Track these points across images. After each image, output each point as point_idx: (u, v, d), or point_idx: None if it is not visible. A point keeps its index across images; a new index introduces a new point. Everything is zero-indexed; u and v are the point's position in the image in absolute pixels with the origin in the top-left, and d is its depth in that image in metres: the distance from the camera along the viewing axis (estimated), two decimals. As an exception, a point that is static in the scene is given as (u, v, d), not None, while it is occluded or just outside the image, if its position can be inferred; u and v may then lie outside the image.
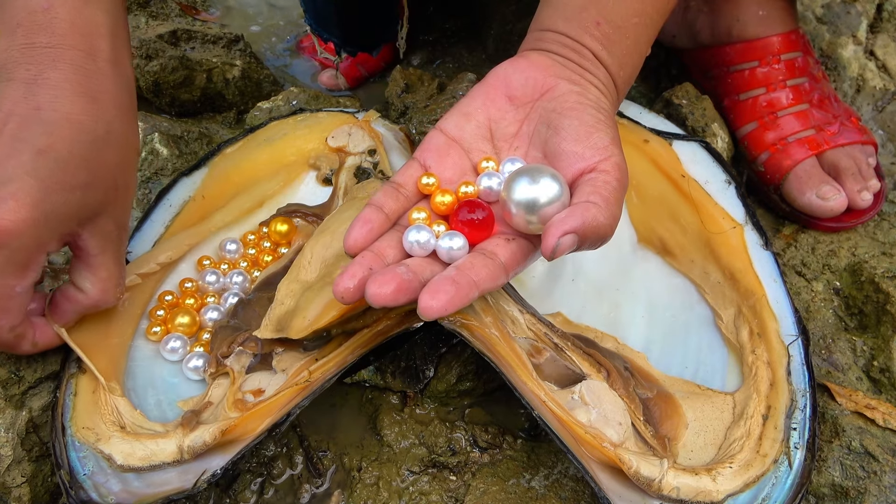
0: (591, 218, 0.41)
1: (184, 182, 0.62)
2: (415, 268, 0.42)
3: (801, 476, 0.46)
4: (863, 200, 0.67)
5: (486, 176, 0.46)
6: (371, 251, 0.43)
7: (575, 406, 0.48)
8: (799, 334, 0.53)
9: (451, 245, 0.43)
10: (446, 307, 0.39)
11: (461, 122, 0.48)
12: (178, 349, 0.54)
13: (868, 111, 0.82)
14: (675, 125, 0.69)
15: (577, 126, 0.45)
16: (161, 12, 0.92)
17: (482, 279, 0.41)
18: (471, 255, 0.43)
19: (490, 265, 0.42)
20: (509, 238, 0.44)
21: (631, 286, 0.59)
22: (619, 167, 0.44)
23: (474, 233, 0.44)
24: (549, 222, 0.41)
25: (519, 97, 0.48)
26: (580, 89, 0.47)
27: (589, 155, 0.44)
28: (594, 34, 0.48)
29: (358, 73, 0.89)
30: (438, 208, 0.46)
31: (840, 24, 0.84)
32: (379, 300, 0.39)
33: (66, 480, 0.45)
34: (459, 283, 0.40)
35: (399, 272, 0.40)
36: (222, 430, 0.45)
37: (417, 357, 0.55)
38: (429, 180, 0.46)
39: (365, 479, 0.52)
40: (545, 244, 0.40)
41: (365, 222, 0.44)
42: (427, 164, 0.47)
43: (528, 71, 0.48)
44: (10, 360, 0.51)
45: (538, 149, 0.47)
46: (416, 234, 0.43)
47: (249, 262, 0.60)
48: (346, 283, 0.41)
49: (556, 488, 0.52)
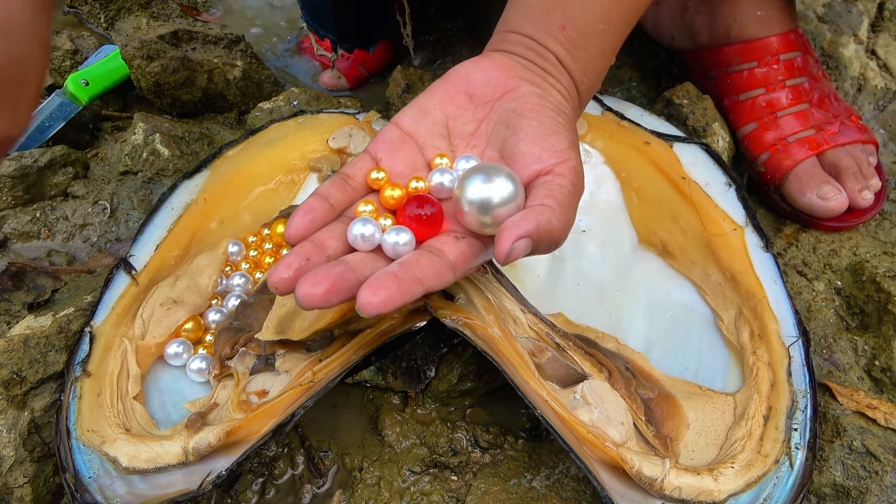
0: (546, 221, 0.40)
1: (185, 185, 0.62)
2: (354, 264, 0.40)
3: (802, 476, 0.47)
4: (864, 200, 0.67)
5: (439, 172, 0.45)
6: (311, 241, 0.41)
7: (577, 406, 0.48)
8: (799, 336, 0.53)
9: (396, 240, 0.41)
10: (386, 304, 0.37)
11: (418, 117, 0.47)
12: (181, 354, 0.54)
13: (869, 110, 0.82)
14: (676, 126, 0.69)
15: (536, 127, 0.44)
16: (162, 13, 0.92)
17: (427, 276, 0.39)
18: (416, 252, 0.41)
19: (436, 263, 0.40)
20: (458, 236, 0.42)
21: (631, 287, 0.59)
22: (574, 171, 0.43)
23: (422, 229, 0.42)
24: (503, 226, 0.40)
25: (479, 96, 0.47)
26: (541, 91, 0.46)
27: (546, 157, 0.43)
28: (559, 38, 0.47)
29: (358, 73, 0.89)
30: (387, 202, 0.44)
31: (841, 23, 0.84)
32: (309, 301, 0.37)
33: (71, 483, 0.45)
34: (402, 279, 0.38)
35: (334, 271, 0.38)
36: (227, 432, 0.46)
37: (419, 357, 0.55)
38: (378, 175, 0.45)
39: (366, 480, 0.52)
40: (499, 248, 0.39)
41: (308, 211, 0.42)
42: (378, 156, 0.46)
43: (490, 71, 0.47)
44: (13, 361, 0.51)
45: (495, 149, 0.46)
46: (361, 228, 0.41)
47: (251, 264, 0.60)
48: (281, 273, 0.39)
49: (558, 488, 0.52)
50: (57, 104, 0.75)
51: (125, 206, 0.69)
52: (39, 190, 0.69)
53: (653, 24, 0.80)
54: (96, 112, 0.80)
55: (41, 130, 0.74)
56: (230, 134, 0.76)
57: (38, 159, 0.69)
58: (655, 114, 0.73)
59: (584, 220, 0.62)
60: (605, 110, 0.67)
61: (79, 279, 0.62)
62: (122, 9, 0.90)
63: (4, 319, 0.60)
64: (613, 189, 0.63)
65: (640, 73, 0.84)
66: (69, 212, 0.69)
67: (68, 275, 0.63)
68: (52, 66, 0.81)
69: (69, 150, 0.71)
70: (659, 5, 0.78)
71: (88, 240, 0.68)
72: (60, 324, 0.54)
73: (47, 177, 0.70)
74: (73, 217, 0.69)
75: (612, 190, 0.63)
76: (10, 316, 0.60)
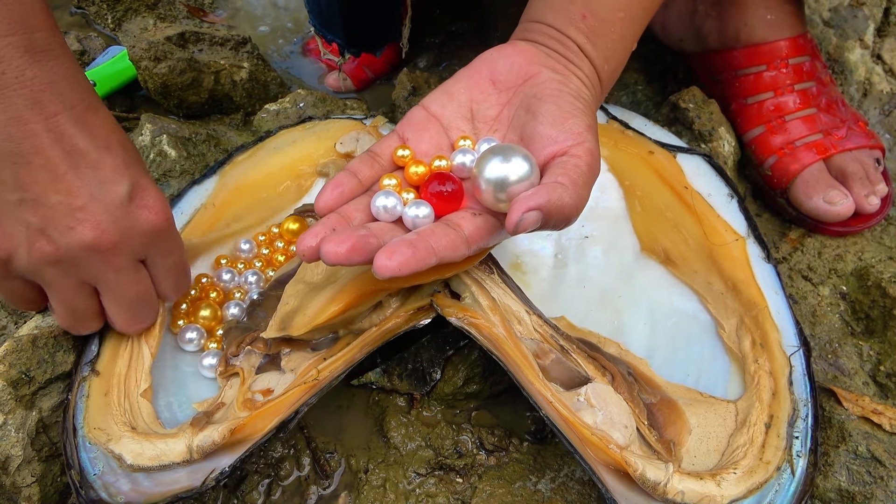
0: (557, 197, 0.41)
1: (195, 190, 0.63)
2: (376, 231, 0.42)
3: (803, 483, 0.47)
4: (870, 205, 0.67)
5: (461, 152, 0.47)
6: (337, 213, 0.44)
7: (581, 408, 0.48)
8: (800, 345, 0.53)
9: (416, 213, 0.44)
10: (400, 267, 0.39)
11: (444, 101, 0.49)
12: (195, 340, 0.54)
13: (875, 115, 0.82)
14: (681, 130, 0.70)
15: (554, 111, 0.45)
16: (169, 14, 0.92)
17: (441, 247, 0.41)
18: (434, 224, 0.43)
19: (451, 234, 0.42)
20: (476, 213, 0.45)
21: (633, 294, 0.59)
22: (590, 152, 0.44)
23: (442, 204, 0.45)
24: (516, 199, 0.41)
25: (503, 82, 0.49)
26: (562, 78, 0.47)
27: (562, 139, 0.44)
28: (580, 27, 0.49)
29: (364, 76, 0.89)
30: (411, 178, 0.47)
31: (847, 27, 0.84)
32: (332, 258, 0.39)
33: (76, 480, 0.45)
34: (417, 247, 0.40)
35: (358, 233, 0.40)
36: (231, 430, 0.46)
37: (424, 359, 0.55)
38: (404, 152, 0.47)
39: (372, 481, 0.52)
40: (509, 218, 0.40)
41: (336, 185, 0.45)
42: (406, 136, 0.49)
43: (514, 57, 0.49)
44: (21, 361, 0.51)
45: (516, 133, 0.48)
46: (384, 199, 0.44)
47: (264, 262, 0.60)
48: (309, 241, 0.41)
49: (563, 491, 0.52)
50: (65, 105, 0.76)
51: (132, 207, 0.69)
52: (47, 190, 0.70)
53: (661, 27, 0.80)
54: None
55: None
56: (237, 135, 0.76)
57: (46, 159, 0.69)
58: (661, 118, 0.73)
59: (587, 227, 0.62)
60: (609, 119, 0.68)
61: (86, 279, 0.63)
62: (129, 10, 0.91)
63: (12, 319, 0.60)
64: (616, 197, 0.64)
65: (646, 76, 0.84)
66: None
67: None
68: (60, 67, 0.81)
69: (77, 151, 0.72)
70: (667, 8, 0.78)
71: (95, 240, 0.68)
72: (68, 323, 0.54)
73: (55, 177, 0.70)
74: (81, 217, 0.69)
75: (615, 198, 0.64)
76: (17, 316, 0.60)
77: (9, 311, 0.60)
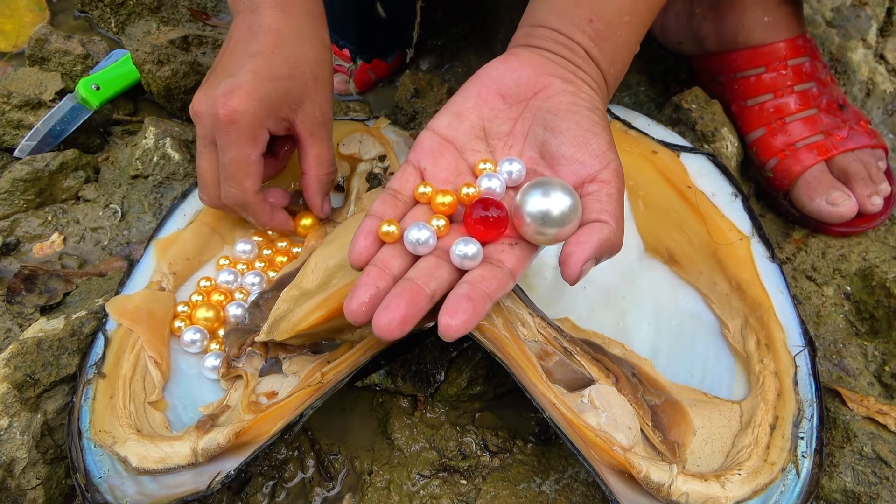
0: (606, 239, 0.42)
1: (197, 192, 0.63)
2: (420, 280, 0.42)
3: (808, 484, 0.47)
4: (873, 205, 0.67)
5: (486, 177, 0.46)
6: (375, 266, 0.43)
7: (584, 409, 0.48)
8: (805, 345, 0.53)
9: (465, 252, 0.43)
10: (466, 325, 0.39)
11: (454, 122, 0.48)
12: (198, 342, 0.54)
13: (878, 115, 0.82)
14: (684, 130, 0.69)
15: (575, 130, 0.45)
16: (172, 18, 0.92)
17: (493, 290, 0.42)
18: (480, 268, 0.43)
19: (499, 275, 0.43)
20: (512, 243, 0.45)
21: (637, 294, 0.59)
22: (617, 174, 0.45)
23: (488, 230, 0.44)
24: (567, 250, 0.42)
25: (512, 96, 0.48)
26: (574, 88, 0.47)
27: (589, 162, 0.45)
28: (586, 31, 0.48)
29: (367, 78, 0.89)
30: (439, 209, 0.46)
31: (850, 27, 0.84)
32: (387, 334, 0.40)
33: (81, 483, 0.45)
34: (475, 299, 0.40)
35: (404, 299, 0.40)
36: (236, 433, 0.46)
37: (428, 361, 0.55)
38: (425, 189, 0.46)
39: (376, 483, 0.52)
40: (569, 273, 0.42)
41: (367, 234, 0.44)
42: (422, 166, 0.47)
43: (521, 69, 0.48)
44: (26, 364, 0.51)
45: (534, 148, 0.47)
46: (417, 233, 0.43)
47: (266, 263, 0.60)
48: (356, 305, 0.41)
49: (567, 493, 0.52)
50: (68, 108, 0.76)
51: (136, 210, 0.70)
52: (51, 193, 0.70)
53: (660, 29, 0.80)
54: (107, 116, 0.80)
55: (53, 135, 0.75)
56: (240, 138, 0.76)
57: (50, 163, 0.69)
58: (664, 118, 0.73)
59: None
60: (613, 119, 0.67)
61: (90, 282, 0.63)
62: (132, 13, 0.91)
63: (17, 322, 0.60)
64: (620, 197, 0.64)
65: (648, 77, 0.84)
66: (80, 215, 0.70)
67: (80, 278, 0.64)
68: (64, 71, 0.81)
69: (80, 154, 0.72)
70: (666, 10, 0.78)
71: (99, 243, 0.68)
72: (73, 326, 0.54)
73: (58, 180, 0.70)
74: (84, 220, 0.69)
75: (619, 198, 0.63)
76: (22, 319, 0.60)
77: (13, 315, 0.61)
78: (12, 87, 0.76)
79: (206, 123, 0.53)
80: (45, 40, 0.80)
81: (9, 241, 0.67)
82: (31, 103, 0.75)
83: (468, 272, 0.43)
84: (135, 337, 0.53)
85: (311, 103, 0.56)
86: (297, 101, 0.55)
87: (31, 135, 0.74)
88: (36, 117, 0.75)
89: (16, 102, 0.74)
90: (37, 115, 0.75)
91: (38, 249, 0.67)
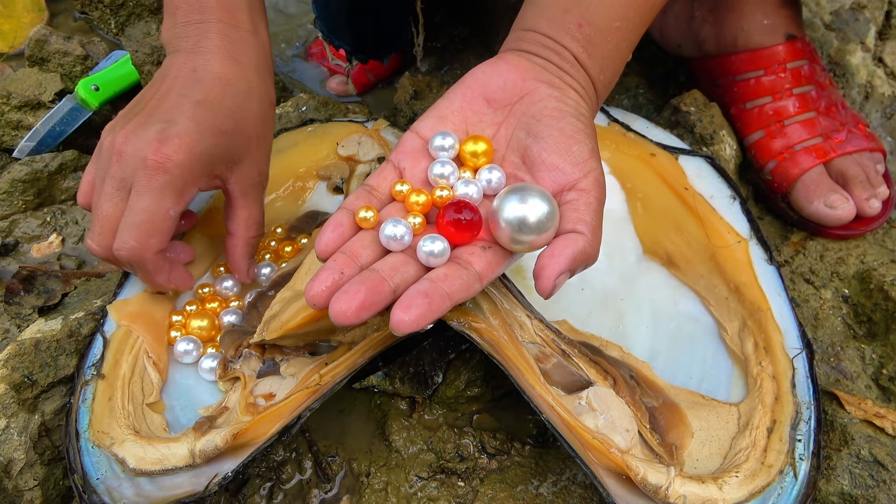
0: (580, 251, 0.41)
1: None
2: (385, 273, 0.41)
3: (806, 487, 0.47)
4: (871, 208, 0.67)
5: (464, 183, 0.45)
6: (343, 253, 0.42)
7: (582, 412, 0.48)
8: (803, 348, 0.53)
9: (431, 249, 0.42)
10: (418, 321, 0.38)
11: (437, 125, 0.47)
12: (191, 351, 0.54)
13: (877, 118, 0.82)
14: (683, 133, 0.70)
15: (557, 136, 0.44)
16: (172, 19, 0.92)
17: (455, 291, 0.41)
18: (445, 266, 0.42)
19: (464, 276, 0.41)
20: (485, 246, 0.43)
21: (636, 297, 0.59)
22: (598, 183, 0.44)
23: (460, 233, 0.43)
24: (541, 263, 0.41)
25: (497, 100, 0.47)
26: (559, 94, 0.46)
27: (569, 169, 0.44)
28: (576, 36, 0.47)
29: (366, 80, 0.89)
30: (413, 208, 0.44)
31: (848, 30, 0.84)
32: (342, 319, 0.39)
33: (79, 485, 0.45)
34: (432, 297, 0.39)
35: (366, 286, 0.39)
36: (234, 434, 0.46)
37: (426, 363, 0.55)
38: (402, 187, 0.45)
39: (374, 485, 0.52)
40: (542, 286, 0.41)
41: (336, 226, 0.43)
42: (401, 165, 0.46)
43: (507, 73, 0.47)
44: (24, 365, 0.51)
45: (516, 154, 0.46)
46: (393, 229, 0.42)
47: (272, 254, 0.60)
48: (316, 288, 0.40)
49: (565, 495, 0.52)
50: (68, 109, 0.76)
51: (135, 211, 0.70)
52: (50, 194, 0.70)
53: (659, 32, 0.80)
54: (106, 117, 0.80)
55: (52, 135, 0.75)
56: (239, 139, 0.76)
57: (49, 164, 0.69)
58: (663, 121, 0.73)
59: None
60: (611, 121, 0.68)
61: (88, 283, 0.63)
62: (132, 15, 0.91)
63: (15, 323, 0.60)
64: (618, 199, 0.64)
65: (647, 79, 0.84)
66: (79, 216, 0.70)
67: (78, 279, 0.64)
68: (63, 72, 0.81)
69: (79, 155, 0.72)
70: (665, 13, 0.78)
71: (98, 244, 0.68)
72: (71, 327, 0.54)
73: (57, 181, 0.70)
74: (83, 221, 0.69)
75: (617, 200, 0.63)
76: (20, 319, 0.60)
77: (11, 315, 0.61)
78: (12, 88, 0.76)
79: (128, 165, 0.48)
80: (44, 41, 0.80)
81: (7, 241, 0.67)
82: (31, 104, 0.75)
83: (432, 270, 0.42)
84: (133, 338, 0.53)
85: (250, 162, 0.53)
86: (235, 158, 0.52)
87: (30, 135, 0.74)
88: (35, 118, 0.75)
89: (15, 103, 0.74)
90: (36, 115, 0.75)
91: (36, 250, 0.67)
